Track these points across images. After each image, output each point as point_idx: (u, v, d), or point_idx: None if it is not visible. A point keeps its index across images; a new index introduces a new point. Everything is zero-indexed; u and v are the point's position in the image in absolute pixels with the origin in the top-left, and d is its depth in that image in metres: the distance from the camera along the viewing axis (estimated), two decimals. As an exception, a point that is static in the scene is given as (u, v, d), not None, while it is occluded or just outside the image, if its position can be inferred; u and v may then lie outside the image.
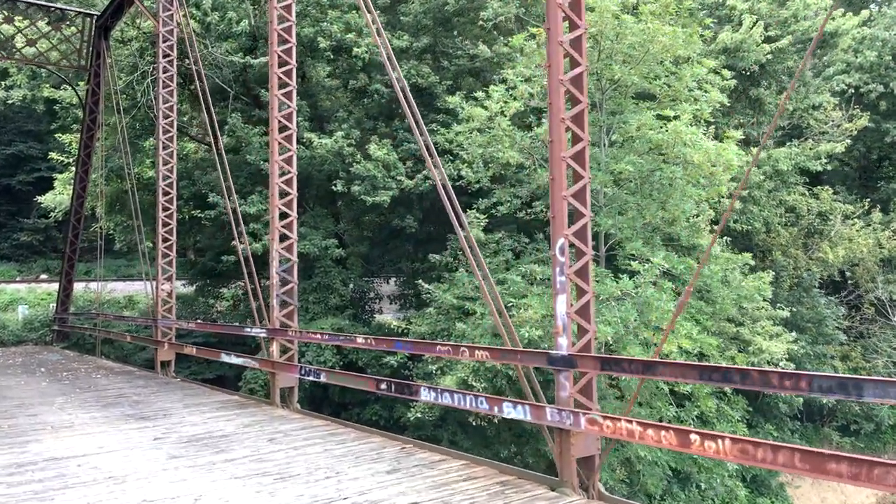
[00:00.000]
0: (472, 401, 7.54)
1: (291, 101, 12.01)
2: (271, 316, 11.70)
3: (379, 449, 8.40)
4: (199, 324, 19.44)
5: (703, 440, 5.39)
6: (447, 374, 17.79)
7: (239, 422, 10.30)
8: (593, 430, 6.27)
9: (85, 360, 20.09)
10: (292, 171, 11.91)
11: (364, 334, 17.70)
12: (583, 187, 6.80)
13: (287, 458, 8.08)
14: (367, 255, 27.09)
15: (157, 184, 16.64)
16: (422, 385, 8.22)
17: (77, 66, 23.29)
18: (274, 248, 11.69)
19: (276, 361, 11.49)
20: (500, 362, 8.92)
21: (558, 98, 6.76)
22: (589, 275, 6.78)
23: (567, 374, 6.61)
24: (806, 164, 26.04)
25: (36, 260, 44.21)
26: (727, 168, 15.82)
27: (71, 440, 9.29)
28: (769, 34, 25.39)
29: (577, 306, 6.72)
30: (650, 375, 6.00)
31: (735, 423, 18.06)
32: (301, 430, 9.55)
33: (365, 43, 22.52)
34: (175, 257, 16.58)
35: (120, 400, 12.68)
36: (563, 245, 6.69)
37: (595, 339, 6.80)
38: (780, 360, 19.36)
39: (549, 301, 15.07)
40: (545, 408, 6.75)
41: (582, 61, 6.87)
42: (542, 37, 17.76)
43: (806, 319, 27.66)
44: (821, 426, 31.85)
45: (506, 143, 17.38)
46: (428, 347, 9.07)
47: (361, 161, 21.65)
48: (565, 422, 6.50)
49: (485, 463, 7.48)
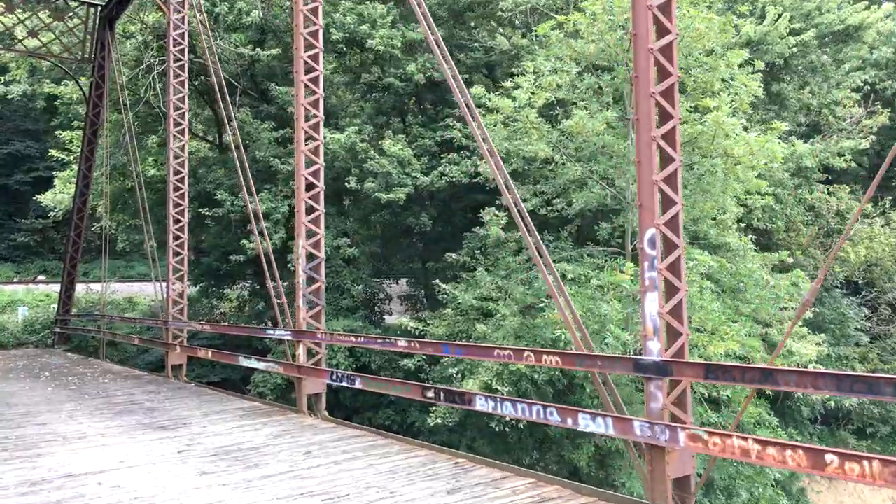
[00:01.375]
0: (540, 412, 6.75)
1: (318, 88, 11.22)
2: (297, 317, 10.90)
3: (429, 464, 7.61)
4: (215, 325, 18.66)
5: (844, 461, 4.62)
6: (468, 377, 17.02)
7: (267, 432, 9.50)
8: (695, 448, 5.49)
9: (90, 364, 19.26)
10: (319, 161, 11.12)
11: (411, 337, 16.81)
12: (674, 171, 6.02)
13: (329, 474, 7.28)
14: (378, 255, 26.31)
15: (168, 179, 15.80)
16: (477, 393, 7.42)
17: (80, 58, 22.44)
18: (300, 245, 10.90)
19: (303, 366, 10.69)
20: (576, 369, 8.12)
21: (646, 69, 5.98)
22: (682, 270, 6.01)
23: (660, 382, 5.83)
24: (830, 160, 25.29)
25: (33, 261, 43.38)
26: (771, 161, 15.03)
27: (86, 453, 8.49)
28: (792, 27, 24.65)
29: (670, 306, 5.93)
30: (769, 385, 5.20)
31: (774, 428, 17.28)
32: (337, 442, 8.75)
33: (379, 35, 21.72)
34: (187, 256, 15.74)
35: (133, 407, 11.87)
36: (653, 236, 5.92)
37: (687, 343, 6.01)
38: (810, 363, 18.67)
39: (583, 301, 14.32)
40: (632, 421, 5.97)
41: (671, 28, 6.10)
42: (569, 26, 16.97)
43: (828, 320, 26.98)
44: (836, 429, 31.25)
45: (534, 135, 16.58)
46: (483, 352, 8.26)
47: (376, 157, 20.86)
48: (659, 437, 5.72)
49: (556, 482, 6.68)
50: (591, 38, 15.91)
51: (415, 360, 19.37)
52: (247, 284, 30.08)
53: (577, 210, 17.87)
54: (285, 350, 11.74)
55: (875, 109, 29.41)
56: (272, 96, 23.13)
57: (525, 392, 17.42)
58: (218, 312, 30.72)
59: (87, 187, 23.11)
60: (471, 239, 20.15)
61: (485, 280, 17.98)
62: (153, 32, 24.57)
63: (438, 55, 8.48)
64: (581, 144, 17.16)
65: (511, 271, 18.37)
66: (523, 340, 17.53)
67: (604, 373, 6.54)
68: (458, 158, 21.19)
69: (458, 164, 21.01)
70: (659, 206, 5.94)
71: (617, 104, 18.25)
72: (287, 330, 11.21)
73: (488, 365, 16.52)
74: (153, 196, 24.59)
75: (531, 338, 17.48)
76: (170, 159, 15.86)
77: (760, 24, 23.91)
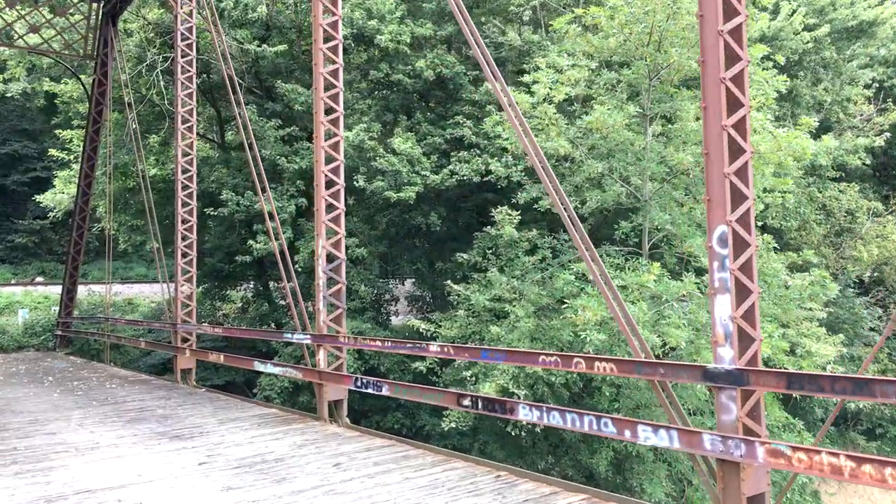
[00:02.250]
0: (593, 422, 6.29)
1: (338, 81, 10.77)
2: (317, 320, 10.43)
3: (469, 477, 7.15)
4: (227, 329, 18.15)
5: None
6: (483, 380, 16.55)
7: (289, 441, 9.03)
8: (775, 464, 5.04)
9: (94, 368, 18.76)
10: (340, 158, 10.67)
11: (441, 342, 16.23)
12: (745, 163, 5.57)
13: (364, 489, 6.82)
14: (385, 255, 25.84)
15: (176, 177, 15.30)
16: (519, 403, 6.96)
17: (82, 55, 21.93)
18: (320, 245, 10.43)
19: (324, 371, 10.22)
20: (635, 377, 7.67)
21: (715, 53, 5.54)
22: (754, 270, 5.56)
23: (733, 392, 5.38)
24: (844, 158, 24.90)
25: (31, 262, 42.86)
26: (800, 157, 14.61)
27: (101, 465, 8.01)
28: (805, 22, 24.26)
29: (742, 309, 5.48)
30: (863, 396, 4.75)
31: (800, 432, 16.86)
32: (366, 453, 8.28)
33: (388, 31, 21.25)
34: (195, 256, 15.25)
35: (144, 414, 11.39)
36: (723, 234, 5.47)
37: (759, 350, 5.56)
38: (829, 364, 18.31)
39: (607, 302, 13.83)
40: (701, 434, 5.53)
41: (741, 9, 5.65)
42: (587, 19, 16.54)
43: (842, 320, 26.58)
44: (845, 430, 30.93)
45: (552, 132, 16.13)
46: (527, 358, 7.76)
47: (385, 155, 20.40)
48: (733, 452, 5.27)
49: (614, 498, 6.23)
50: (611, 31, 15.45)
51: (426, 362, 18.90)
52: (250, 286, 29.64)
53: (592, 209, 17.44)
54: (303, 354, 11.24)
55: (886, 107, 29.06)
56: (278, 94, 22.64)
57: (541, 395, 16.98)
58: (220, 314, 30.25)
59: (88, 187, 22.59)
60: (482, 238, 19.70)
61: (500, 281, 17.52)
62: (155, 29, 24.10)
63: (471, 39, 8.02)
64: (598, 141, 16.73)
65: (526, 271, 17.92)
66: (539, 343, 17.08)
67: (664, 381, 6.08)
68: (468, 156, 20.74)
69: (468, 162, 20.56)
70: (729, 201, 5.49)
71: (631, 100, 17.84)
72: (306, 334, 10.73)
73: (504, 367, 16.07)
74: (154, 196, 24.08)
75: (547, 340, 17.03)
76: (178, 157, 15.37)
77: (774, 19, 23.51)
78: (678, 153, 14.71)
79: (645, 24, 15.51)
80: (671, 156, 15.01)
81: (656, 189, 16.61)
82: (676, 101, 16.53)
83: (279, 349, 21.17)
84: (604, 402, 16.59)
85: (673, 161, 14.99)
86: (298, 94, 21.59)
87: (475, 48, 7.97)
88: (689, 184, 16.18)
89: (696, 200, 15.67)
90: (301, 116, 22.68)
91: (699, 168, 15.45)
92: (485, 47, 8.09)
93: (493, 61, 7.96)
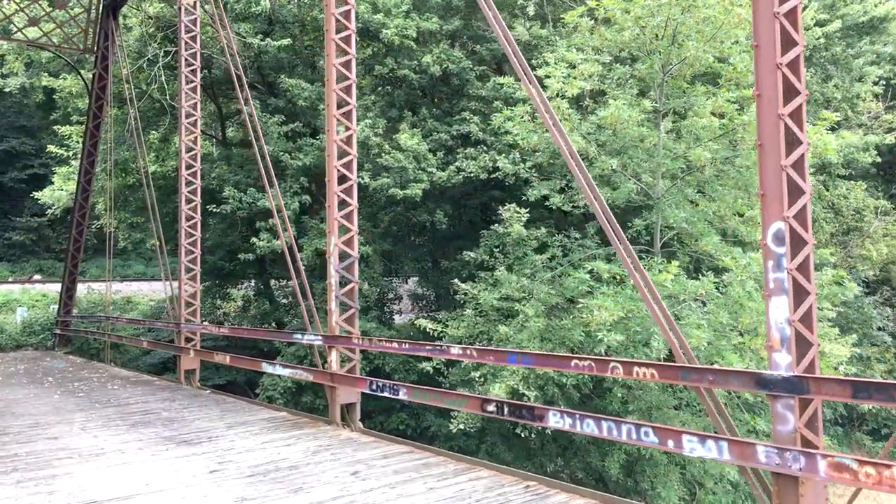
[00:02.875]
0: (632, 431, 5.92)
1: (351, 72, 10.37)
2: (329, 321, 10.06)
3: (496, 487, 6.78)
4: (233, 329, 17.77)
5: None
6: (493, 381, 16.18)
7: (302, 447, 8.66)
8: (839, 479, 4.69)
9: (95, 368, 18.37)
10: (353, 152, 10.28)
11: (465, 345, 15.89)
12: (802, 155, 5.21)
13: (387, 501, 6.45)
14: (389, 253, 25.47)
15: (180, 173, 14.92)
16: (549, 409, 6.59)
17: (82, 49, 21.51)
18: (332, 242, 10.05)
19: (337, 374, 9.85)
20: (679, 383, 7.31)
21: (770, 37, 5.18)
22: (811, 270, 5.19)
23: (790, 401, 5.02)
24: (854, 155, 24.56)
25: (28, 260, 42.46)
26: (821, 154, 14.24)
27: (107, 473, 7.63)
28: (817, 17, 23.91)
29: (800, 313, 5.12)
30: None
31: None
32: (384, 460, 7.91)
33: (393, 25, 20.86)
34: (200, 254, 14.87)
35: (149, 417, 11.01)
36: (779, 231, 5.11)
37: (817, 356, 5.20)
38: (841, 364, 17.98)
39: (624, 301, 13.49)
40: (754, 445, 5.17)
41: (797, -8, 5.30)
42: (599, 12, 16.17)
43: (851, 320, 26.24)
44: (850, 430, 30.67)
45: (565, 127, 15.76)
46: (559, 362, 7.37)
47: (391, 151, 20.02)
48: (791, 465, 4.91)
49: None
50: (625, 24, 15.09)
51: (433, 362, 18.52)
52: (251, 284, 29.24)
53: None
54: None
55: (894, 104, 28.75)
56: (281, 89, 22.24)
57: (552, 397, 16.62)
58: (220, 312, 29.84)
59: (88, 183, 22.19)
60: (489, 236, 19.31)
61: (509, 280, 17.14)
62: (156, 24, 23.69)
63: (499, 33, 7.66)
64: (610, 137, 16.38)
65: (536, 270, 17.56)
66: (549, 343, 16.71)
67: (710, 389, 5.72)
68: (475, 153, 20.37)
69: (475, 158, 20.18)
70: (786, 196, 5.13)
71: (643, 95, 17.48)
72: (317, 334, 10.35)
73: (514, 368, 15.71)
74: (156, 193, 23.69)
75: (558, 340, 16.66)
76: (182, 153, 14.99)
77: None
78: (694, 149, 14.33)
79: (660, 18, 15.14)
80: (689, 152, 14.63)
81: (668, 186, 16.26)
82: (690, 96, 16.17)
83: (282, 349, 20.79)
84: (615, 403, 16.24)
85: (690, 157, 14.61)
86: (302, 89, 21.20)
87: (503, 41, 7.65)
88: (701, 181, 15.81)
89: (711, 199, 15.30)
90: (304, 112, 22.27)
91: (714, 165, 15.11)
92: (513, 41, 7.74)
93: (521, 55, 7.61)
